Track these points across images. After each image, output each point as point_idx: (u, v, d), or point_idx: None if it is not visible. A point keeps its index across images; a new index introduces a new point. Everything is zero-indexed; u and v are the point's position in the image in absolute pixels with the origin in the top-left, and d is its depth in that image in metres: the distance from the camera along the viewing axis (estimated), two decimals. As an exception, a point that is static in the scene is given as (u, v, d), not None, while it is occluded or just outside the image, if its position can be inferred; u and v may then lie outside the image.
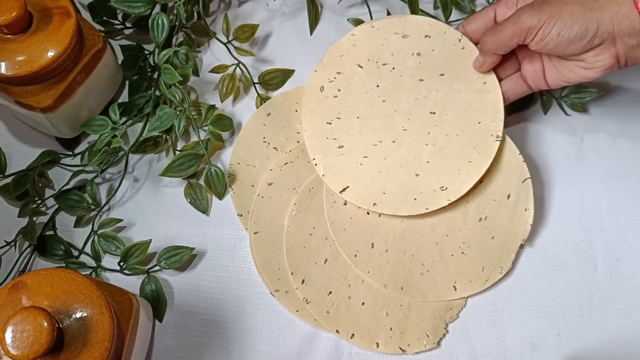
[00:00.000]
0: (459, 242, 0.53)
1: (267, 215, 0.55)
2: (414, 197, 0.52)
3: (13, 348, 0.36)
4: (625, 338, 0.53)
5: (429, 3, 0.62)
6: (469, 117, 0.53)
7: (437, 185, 0.52)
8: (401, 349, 0.51)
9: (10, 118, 0.58)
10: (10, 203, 0.55)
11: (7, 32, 0.47)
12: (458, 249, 0.53)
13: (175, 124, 0.54)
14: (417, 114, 0.54)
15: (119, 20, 0.60)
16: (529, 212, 0.53)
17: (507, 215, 0.53)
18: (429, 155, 0.53)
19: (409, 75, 0.54)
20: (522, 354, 0.52)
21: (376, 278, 0.52)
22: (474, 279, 0.53)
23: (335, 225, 0.54)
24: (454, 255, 0.53)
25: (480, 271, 0.53)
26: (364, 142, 0.54)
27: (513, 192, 0.54)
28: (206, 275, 0.54)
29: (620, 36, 0.45)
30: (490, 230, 0.53)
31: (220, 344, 0.52)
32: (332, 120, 0.54)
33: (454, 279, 0.52)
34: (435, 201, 0.52)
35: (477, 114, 0.53)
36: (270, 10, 0.63)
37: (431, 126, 0.53)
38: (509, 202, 0.53)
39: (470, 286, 0.52)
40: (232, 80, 0.58)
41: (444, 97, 0.54)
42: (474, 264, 0.53)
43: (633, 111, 0.59)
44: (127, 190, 0.57)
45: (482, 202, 0.54)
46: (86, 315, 0.40)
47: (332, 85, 0.55)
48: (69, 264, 0.53)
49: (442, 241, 0.53)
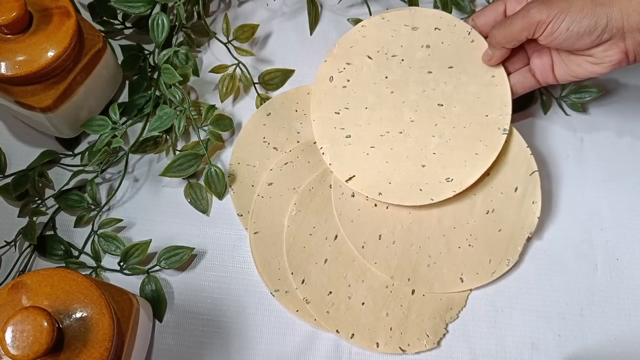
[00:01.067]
0: (466, 234, 0.53)
1: (267, 215, 0.55)
2: (420, 188, 0.52)
3: (13, 348, 0.36)
4: (625, 338, 0.53)
5: (429, 3, 0.62)
6: (476, 110, 0.53)
7: (442, 177, 0.52)
8: (401, 349, 0.51)
9: (10, 118, 0.58)
10: (10, 203, 0.55)
11: (7, 32, 0.47)
12: (465, 241, 0.53)
13: (175, 124, 0.54)
14: (425, 106, 0.54)
15: (119, 20, 0.60)
16: (536, 204, 0.53)
17: (514, 208, 0.53)
18: (435, 146, 0.53)
19: (417, 67, 0.55)
20: (522, 354, 0.52)
21: (383, 269, 0.52)
22: (481, 271, 0.53)
23: (343, 217, 0.54)
24: (460, 247, 0.53)
25: (487, 263, 0.53)
26: (372, 133, 0.54)
27: (520, 185, 0.54)
28: (206, 275, 0.54)
29: (630, 31, 0.45)
30: (497, 223, 0.53)
31: (220, 344, 0.52)
32: (340, 110, 0.55)
33: (460, 270, 0.53)
34: (440, 192, 0.52)
35: (484, 107, 0.53)
36: (270, 10, 0.63)
37: (438, 118, 0.54)
38: (517, 195, 0.53)
39: (477, 278, 0.53)
40: (232, 80, 0.58)
41: (452, 90, 0.54)
42: (481, 256, 0.53)
43: (633, 111, 0.59)
44: (127, 190, 0.57)
45: (489, 195, 0.54)
46: (86, 315, 0.40)
47: (342, 75, 0.55)
48: (69, 264, 0.53)
49: (449, 233, 0.53)
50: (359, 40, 0.56)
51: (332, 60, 0.56)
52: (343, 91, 0.55)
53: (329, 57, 0.56)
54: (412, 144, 0.53)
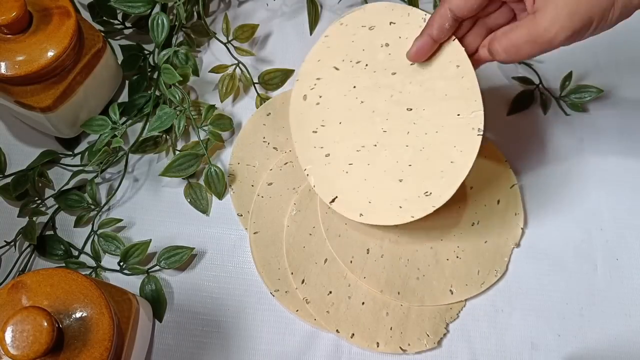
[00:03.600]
0: (453, 246, 0.53)
1: (267, 215, 0.55)
2: (399, 205, 0.49)
3: (13, 348, 0.36)
4: (625, 338, 0.53)
5: (428, 3, 0.62)
6: (447, 110, 0.48)
7: (421, 191, 0.48)
8: (401, 348, 0.51)
9: (10, 118, 0.58)
10: (10, 203, 0.55)
11: (7, 32, 0.47)
12: (453, 253, 0.53)
13: (175, 124, 0.54)
14: (395, 113, 0.50)
15: (119, 20, 0.60)
16: (519, 216, 0.54)
17: (498, 220, 0.54)
18: (410, 157, 0.49)
19: (381, 69, 0.50)
20: (522, 354, 0.52)
21: (372, 284, 0.52)
22: (470, 283, 0.53)
23: (330, 232, 0.53)
24: (449, 259, 0.53)
25: (476, 274, 0.53)
26: (348, 149, 0.51)
27: (502, 198, 0.54)
28: (206, 275, 0.54)
29: None
30: (483, 235, 0.54)
31: (220, 344, 0.52)
32: (317, 128, 0.52)
33: (450, 282, 0.52)
34: (420, 208, 0.48)
35: (455, 104, 0.47)
36: (270, 10, 0.63)
37: (409, 124, 0.49)
38: (499, 207, 0.54)
39: (466, 290, 0.53)
40: (232, 80, 0.58)
41: (419, 90, 0.49)
42: (470, 267, 0.53)
43: (633, 111, 0.59)
44: (127, 190, 0.57)
45: (473, 207, 0.54)
46: (86, 315, 0.40)
47: (314, 92, 0.53)
48: (69, 264, 0.53)
49: (436, 245, 0.53)
50: (325, 51, 0.52)
51: (304, 78, 0.53)
52: (317, 108, 0.52)
53: (300, 75, 0.53)
54: (387, 157, 0.50)
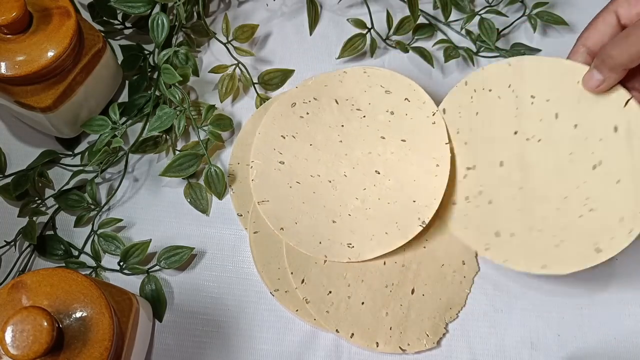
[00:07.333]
0: (582, 199, 0.48)
1: (267, 215, 0.55)
2: (319, 241, 0.52)
3: (13, 348, 0.36)
4: (625, 338, 0.53)
5: (428, 3, 0.62)
6: (407, 191, 0.52)
7: (345, 240, 0.52)
8: (401, 348, 0.51)
9: (10, 118, 0.58)
10: (10, 203, 0.55)
11: (7, 32, 0.47)
12: (583, 207, 0.48)
13: (175, 124, 0.54)
14: (363, 167, 0.53)
15: (119, 20, 0.60)
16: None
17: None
18: (353, 209, 0.53)
19: (374, 128, 0.54)
20: (521, 354, 0.52)
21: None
22: (616, 234, 0.47)
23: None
24: (582, 215, 0.48)
25: (617, 222, 0.47)
26: (304, 169, 0.54)
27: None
28: (206, 275, 0.54)
29: None
30: (614, 174, 0.47)
31: (220, 343, 0.52)
32: (287, 135, 0.55)
33: (592, 240, 0.47)
34: (337, 254, 0.52)
35: (416, 192, 0.52)
36: (270, 10, 0.63)
37: (370, 184, 0.53)
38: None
39: (615, 243, 0.47)
40: (232, 80, 0.58)
41: (396, 163, 0.53)
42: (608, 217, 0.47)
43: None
44: (127, 190, 0.57)
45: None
46: (86, 315, 0.40)
47: (305, 106, 0.55)
48: (69, 264, 0.53)
49: (563, 206, 0.49)
50: (335, 82, 0.55)
51: (303, 89, 0.56)
52: (298, 120, 0.55)
53: (301, 85, 0.56)
54: (334, 197, 0.53)
